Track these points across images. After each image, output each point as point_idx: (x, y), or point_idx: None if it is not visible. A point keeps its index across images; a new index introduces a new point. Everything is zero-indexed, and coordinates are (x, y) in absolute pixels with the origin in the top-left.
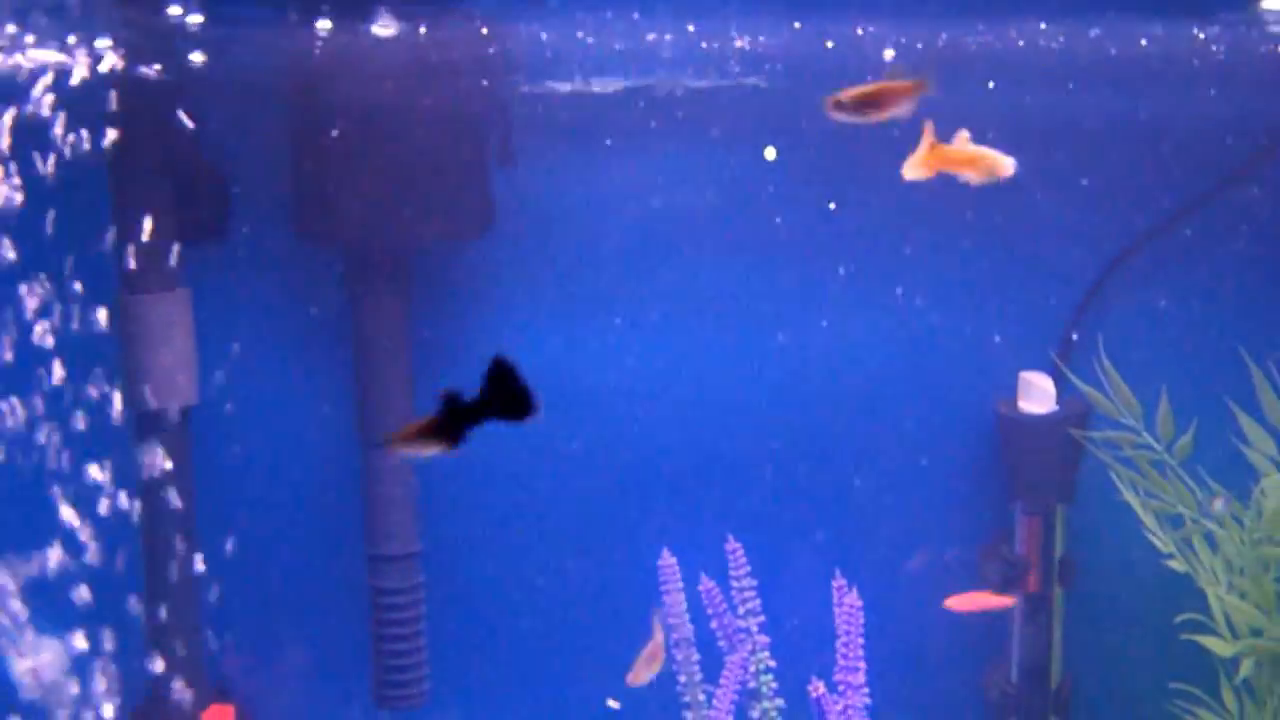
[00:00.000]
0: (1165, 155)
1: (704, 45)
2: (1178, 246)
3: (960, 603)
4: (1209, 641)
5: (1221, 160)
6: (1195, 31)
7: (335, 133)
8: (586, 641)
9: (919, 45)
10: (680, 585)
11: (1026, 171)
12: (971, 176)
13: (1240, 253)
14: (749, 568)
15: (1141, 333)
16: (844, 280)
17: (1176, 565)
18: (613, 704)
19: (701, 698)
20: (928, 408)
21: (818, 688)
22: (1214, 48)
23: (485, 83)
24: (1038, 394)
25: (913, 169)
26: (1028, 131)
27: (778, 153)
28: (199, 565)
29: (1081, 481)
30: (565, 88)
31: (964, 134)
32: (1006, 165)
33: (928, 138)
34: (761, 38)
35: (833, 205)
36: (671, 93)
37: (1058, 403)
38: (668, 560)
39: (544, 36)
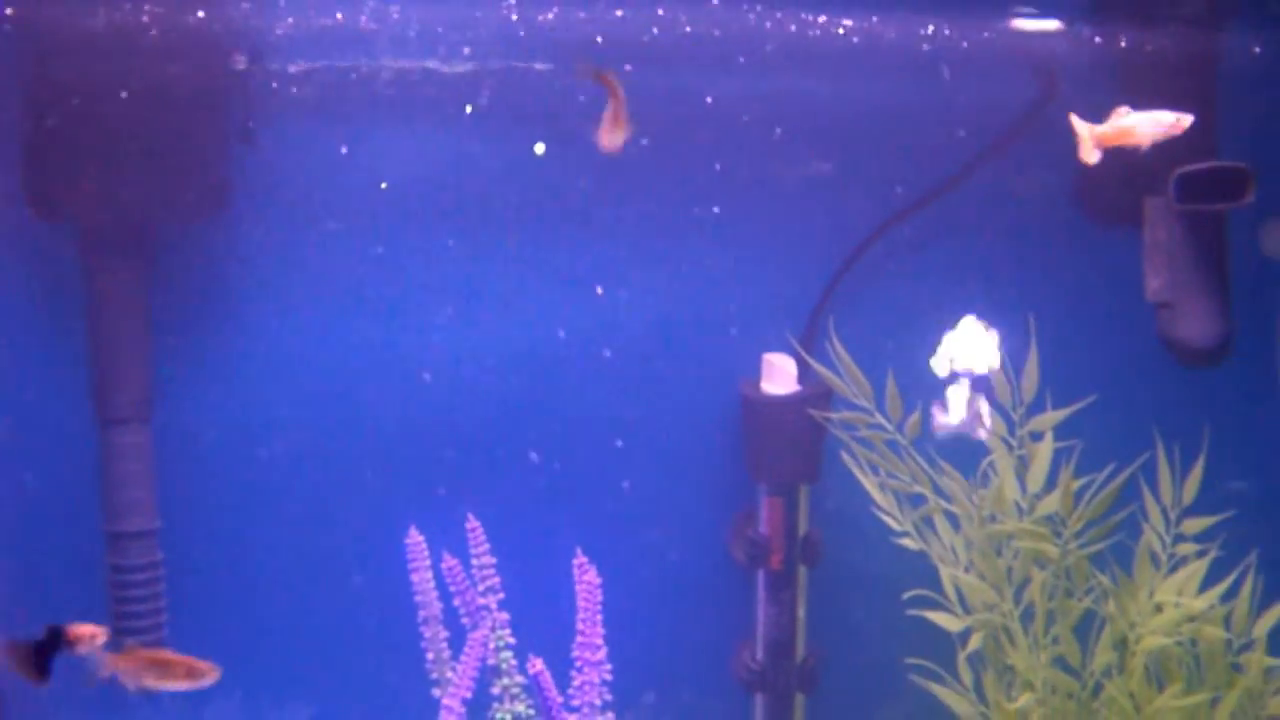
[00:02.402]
0: (911, 141)
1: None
2: (918, 230)
3: None
4: (938, 617)
5: (964, 146)
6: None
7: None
8: (332, 619)
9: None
10: (428, 563)
11: (776, 156)
12: (1143, 141)
13: (978, 236)
14: (489, 546)
15: (882, 314)
16: (596, 259)
17: (910, 543)
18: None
19: (450, 674)
20: (676, 387)
21: (535, 664)
22: (958, 39)
23: (223, 60)
24: (780, 375)
25: (1087, 154)
26: (779, 117)
27: (545, 146)
28: None
29: (826, 461)
30: (311, 66)
31: (1122, 110)
32: (1177, 120)
33: (1081, 127)
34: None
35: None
36: (421, 72)
37: (800, 384)
38: (415, 538)
39: (289, 13)
